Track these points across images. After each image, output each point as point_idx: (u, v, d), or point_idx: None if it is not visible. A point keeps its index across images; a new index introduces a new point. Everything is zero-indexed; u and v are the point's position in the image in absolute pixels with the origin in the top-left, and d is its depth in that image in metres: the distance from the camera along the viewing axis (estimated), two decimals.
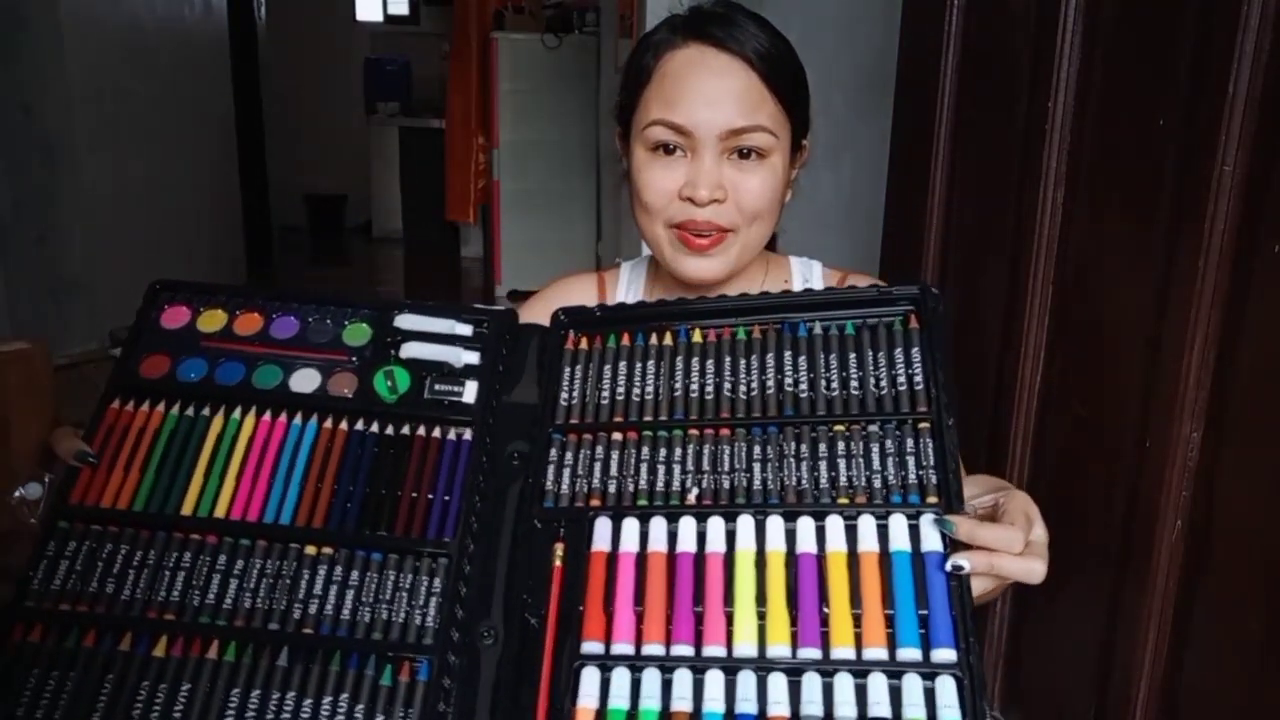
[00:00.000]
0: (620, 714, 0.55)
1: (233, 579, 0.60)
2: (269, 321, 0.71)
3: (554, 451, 0.66)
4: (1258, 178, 0.87)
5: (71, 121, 3.04)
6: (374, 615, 0.59)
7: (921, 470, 0.60)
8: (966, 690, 0.53)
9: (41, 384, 1.35)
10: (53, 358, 1.42)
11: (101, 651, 0.57)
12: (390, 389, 0.68)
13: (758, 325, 0.70)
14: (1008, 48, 1.21)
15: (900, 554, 0.58)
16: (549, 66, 4.86)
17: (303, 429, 0.67)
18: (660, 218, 0.83)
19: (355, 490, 0.64)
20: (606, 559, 0.61)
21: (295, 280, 5.80)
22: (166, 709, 0.55)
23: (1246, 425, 0.90)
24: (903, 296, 0.67)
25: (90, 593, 0.59)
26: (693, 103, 0.79)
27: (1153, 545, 1.00)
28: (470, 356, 0.69)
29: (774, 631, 0.56)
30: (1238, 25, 0.87)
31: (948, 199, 1.35)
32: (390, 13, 7.36)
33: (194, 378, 0.68)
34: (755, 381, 0.66)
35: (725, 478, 0.63)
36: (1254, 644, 0.89)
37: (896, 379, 0.64)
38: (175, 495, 0.64)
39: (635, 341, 0.70)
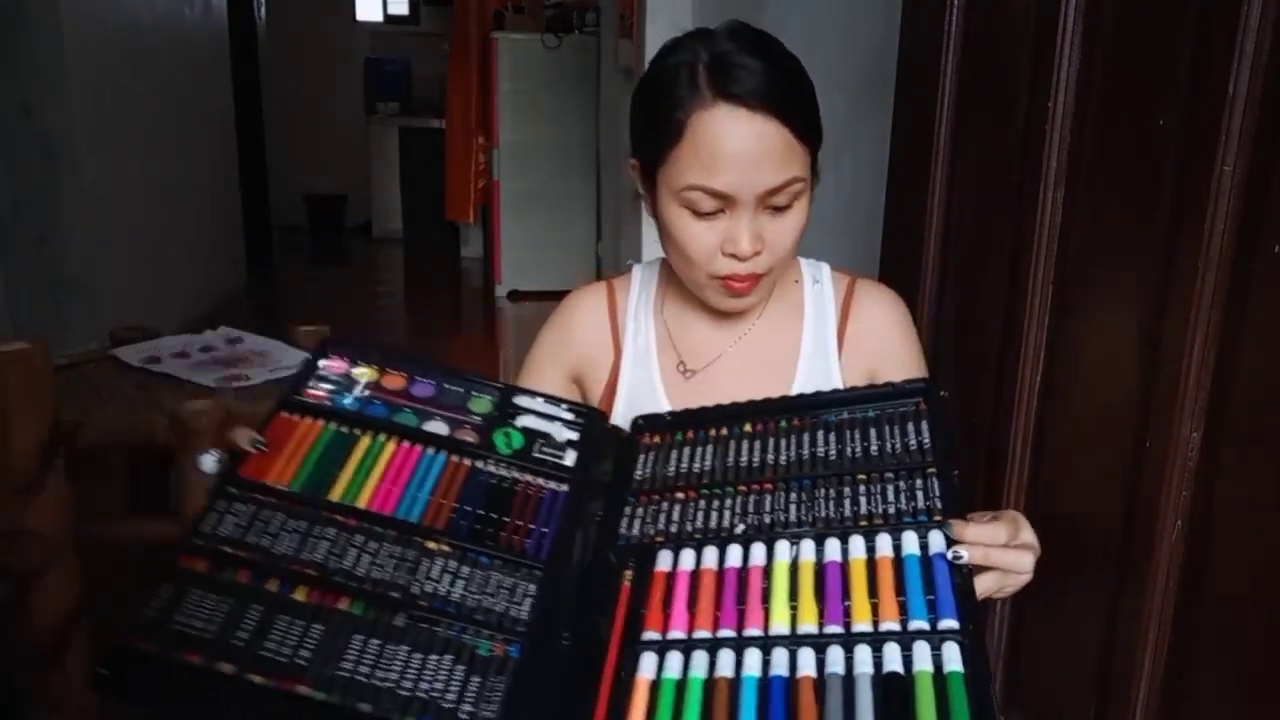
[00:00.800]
0: (672, 683, 0.66)
1: (366, 554, 0.72)
2: (411, 382, 0.88)
3: (627, 509, 0.82)
4: (1258, 178, 0.87)
5: (71, 121, 3.04)
6: (478, 603, 0.71)
7: (929, 500, 0.73)
8: (969, 651, 0.62)
9: (41, 384, 1.35)
10: (53, 358, 1.42)
11: (252, 587, 0.67)
12: (506, 444, 0.85)
13: (797, 419, 0.86)
14: (1008, 48, 1.21)
15: (911, 556, 0.69)
16: (549, 66, 4.86)
17: (434, 458, 0.82)
18: (703, 270, 0.88)
19: (471, 511, 0.78)
20: (666, 576, 0.74)
21: (295, 280, 5.81)
22: (300, 641, 0.65)
23: (1246, 425, 0.90)
24: (913, 390, 0.84)
25: (247, 543, 0.70)
26: (730, 170, 0.83)
27: (1153, 545, 1.00)
28: (570, 434, 0.87)
29: (804, 616, 0.68)
30: (1238, 25, 0.87)
31: (948, 199, 1.35)
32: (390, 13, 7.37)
33: (347, 407, 0.84)
34: (794, 454, 0.82)
35: (767, 516, 0.77)
36: (1254, 644, 0.90)
37: (909, 445, 0.79)
38: (325, 486, 0.76)
39: (697, 434, 0.88)
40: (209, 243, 4.63)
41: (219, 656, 0.62)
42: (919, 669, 0.62)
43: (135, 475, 2.17)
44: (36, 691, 1.41)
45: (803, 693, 0.63)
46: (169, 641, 0.62)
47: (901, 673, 0.62)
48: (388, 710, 0.62)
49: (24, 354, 1.32)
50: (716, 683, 0.65)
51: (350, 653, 0.65)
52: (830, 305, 0.98)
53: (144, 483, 2.16)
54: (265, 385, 1.82)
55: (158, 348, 2.05)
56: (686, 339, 0.99)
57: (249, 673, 0.62)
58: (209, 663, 0.62)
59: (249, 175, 5.34)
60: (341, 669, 0.64)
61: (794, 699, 0.62)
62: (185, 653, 0.62)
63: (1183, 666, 0.99)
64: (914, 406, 0.83)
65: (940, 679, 0.61)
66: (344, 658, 0.64)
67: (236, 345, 2.10)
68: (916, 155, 1.38)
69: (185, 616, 0.64)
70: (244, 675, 0.62)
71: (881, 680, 0.62)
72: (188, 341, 2.10)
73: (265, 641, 0.64)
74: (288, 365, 1.93)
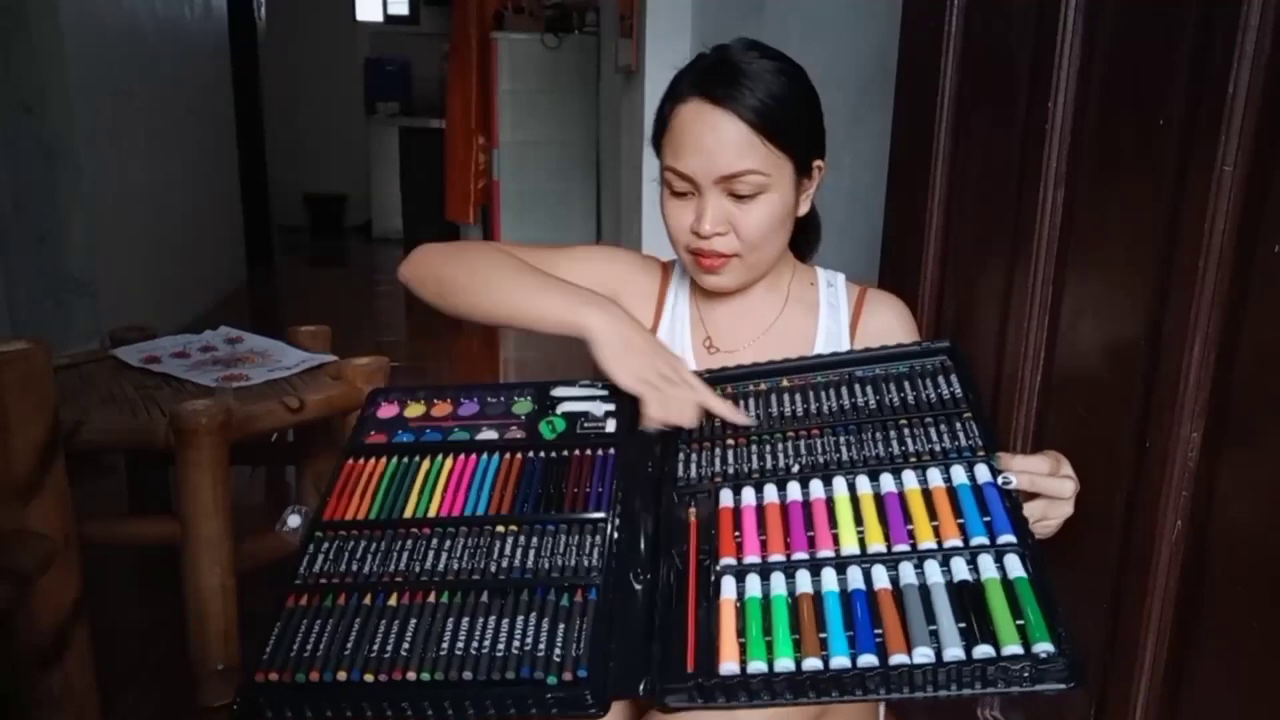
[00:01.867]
0: (756, 601, 0.71)
1: (444, 553, 0.80)
2: (457, 406, 0.98)
3: (681, 455, 0.88)
4: (1258, 178, 0.87)
5: (71, 121, 3.04)
6: (551, 564, 0.78)
7: (971, 439, 0.80)
8: (1030, 560, 0.68)
9: (41, 384, 1.34)
10: (53, 358, 1.42)
11: (351, 605, 0.76)
12: (551, 430, 0.93)
13: (832, 373, 0.92)
14: (1008, 48, 1.21)
15: (963, 485, 0.76)
16: (549, 66, 4.86)
17: (489, 460, 0.90)
18: (680, 244, 1.00)
19: (531, 490, 0.86)
20: (732, 512, 0.80)
21: (295, 280, 5.80)
22: (399, 637, 0.73)
23: (1246, 425, 0.90)
24: (939, 349, 0.91)
25: (340, 571, 0.80)
26: (691, 153, 0.94)
27: (1153, 545, 1.00)
28: (608, 406, 0.94)
29: (871, 538, 0.73)
30: (1238, 25, 0.87)
31: (948, 198, 1.35)
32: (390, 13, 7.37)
33: (406, 441, 0.94)
34: (834, 403, 0.88)
35: (820, 457, 0.83)
36: (1254, 644, 0.90)
37: (941, 393, 0.86)
38: (399, 508, 0.85)
39: (737, 389, 0.93)
40: (209, 243, 4.63)
41: (334, 668, 0.71)
42: (987, 577, 0.68)
43: (135, 475, 2.17)
44: (36, 691, 1.41)
45: (883, 602, 0.68)
46: (289, 667, 0.71)
47: (971, 581, 0.68)
48: (488, 672, 0.69)
49: (24, 354, 1.32)
50: (800, 598, 0.70)
51: (446, 635, 0.72)
52: (844, 305, 1.08)
53: (144, 483, 2.16)
54: (265, 385, 1.82)
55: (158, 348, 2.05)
56: (713, 321, 1.09)
57: (362, 674, 0.70)
58: (326, 675, 0.70)
59: (249, 175, 5.34)
60: (440, 650, 0.71)
61: (876, 607, 0.68)
62: (306, 673, 0.71)
63: (1182, 667, 0.99)
64: (939, 363, 0.90)
65: (1008, 584, 0.67)
66: (441, 640, 0.72)
67: (236, 345, 2.10)
68: (917, 155, 1.38)
69: (299, 644, 0.73)
70: (358, 677, 0.70)
71: (955, 587, 0.68)
72: (188, 341, 2.10)
73: (370, 645, 0.72)
74: (288, 365, 1.94)
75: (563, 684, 0.68)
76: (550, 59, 4.85)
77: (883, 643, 0.65)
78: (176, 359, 1.99)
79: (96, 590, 1.55)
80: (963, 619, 0.65)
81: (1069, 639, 0.62)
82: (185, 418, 1.56)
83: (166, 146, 4.01)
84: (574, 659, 0.69)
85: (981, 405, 0.83)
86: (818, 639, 0.66)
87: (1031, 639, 0.63)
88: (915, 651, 0.63)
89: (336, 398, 1.80)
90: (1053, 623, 0.63)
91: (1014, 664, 0.61)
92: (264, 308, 5.05)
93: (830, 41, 2.04)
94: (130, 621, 2.00)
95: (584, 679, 0.68)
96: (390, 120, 6.83)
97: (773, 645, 0.67)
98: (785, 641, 0.67)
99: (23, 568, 1.28)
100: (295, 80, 6.81)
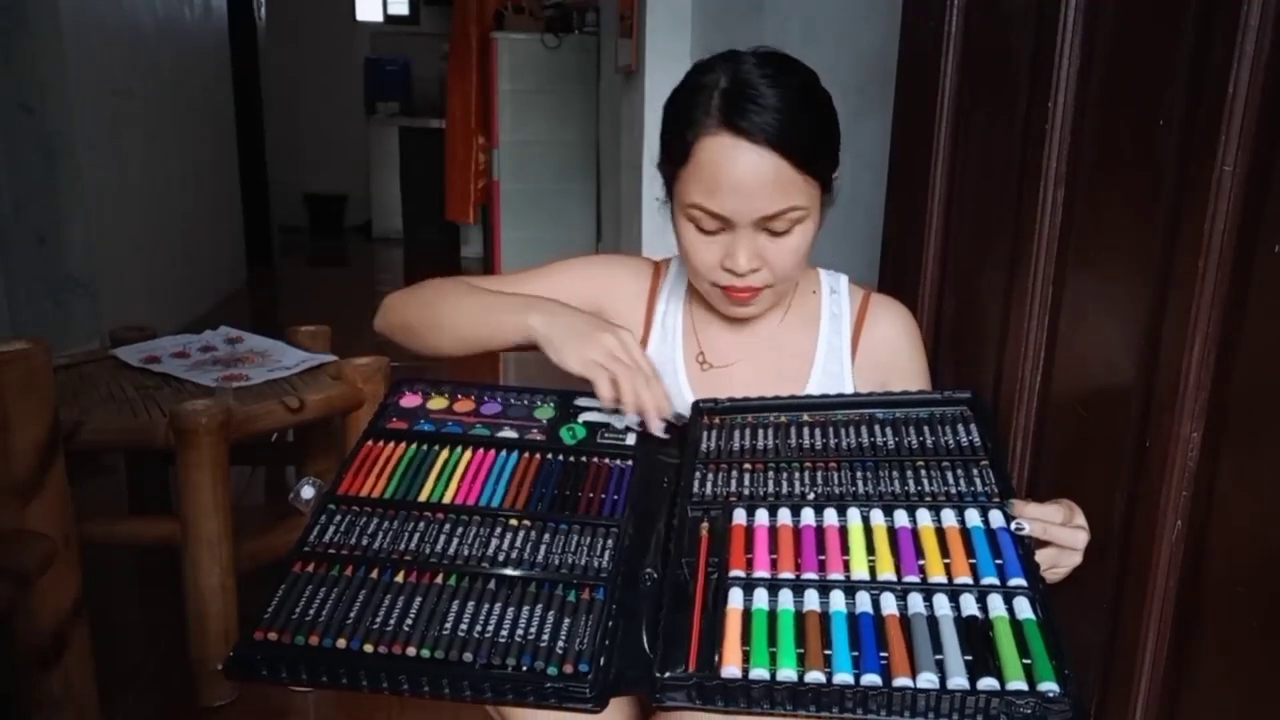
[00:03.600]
0: (762, 613, 0.71)
1: (454, 538, 0.81)
2: (480, 404, 0.98)
3: (698, 474, 0.87)
4: (1258, 178, 0.87)
5: (71, 121, 3.04)
6: (561, 560, 0.78)
7: (986, 486, 0.81)
8: (1040, 604, 0.69)
9: (41, 384, 1.34)
10: (53, 358, 1.42)
11: (358, 577, 0.77)
12: (572, 436, 0.93)
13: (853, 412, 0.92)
14: (1008, 48, 1.21)
15: (976, 528, 0.76)
16: (549, 66, 4.86)
17: (508, 457, 0.90)
18: (707, 279, 0.96)
19: (547, 491, 0.86)
20: (745, 530, 0.80)
21: (295, 280, 5.80)
22: (403, 613, 0.73)
23: (1246, 425, 0.90)
24: (960, 399, 0.93)
25: (350, 544, 0.80)
26: (727, 194, 0.88)
27: (1153, 545, 1.00)
28: (629, 420, 0.93)
29: (882, 567, 0.73)
30: (1238, 25, 0.87)
31: (948, 198, 1.35)
32: (390, 13, 7.36)
33: (427, 430, 0.94)
34: (854, 440, 0.89)
35: (836, 488, 0.83)
36: (1254, 644, 0.90)
37: (960, 441, 0.87)
38: (414, 491, 0.86)
39: (758, 419, 0.93)
40: (209, 243, 4.63)
41: (334, 635, 0.71)
42: (995, 615, 0.68)
43: (135, 475, 2.17)
44: (36, 691, 1.41)
45: (890, 627, 0.68)
46: (289, 629, 0.72)
47: (979, 617, 0.68)
48: (489, 656, 0.69)
49: (24, 354, 1.32)
50: (807, 615, 0.70)
51: (450, 616, 0.73)
52: (846, 315, 1.04)
53: (144, 483, 2.16)
54: (265, 385, 1.82)
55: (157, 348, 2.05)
56: (708, 335, 1.04)
57: (362, 644, 0.70)
58: (326, 640, 0.71)
59: (249, 175, 5.34)
60: (444, 629, 0.72)
61: (882, 631, 0.68)
62: (306, 636, 0.71)
63: (1183, 666, 0.99)
64: (960, 412, 0.91)
65: (1016, 624, 0.67)
66: (445, 621, 0.72)
67: (236, 345, 2.10)
68: (916, 154, 1.38)
69: (301, 607, 0.74)
70: (357, 646, 0.70)
71: (963, 621, 0.68)
72: (187, 341, 2.10)
73: (373, 618, 0.72)
74: (288, 365, 1.94)
75: (563, 676, 0.68)
76: (550, 59, 4.84)
77: (887, 665, 0.65)
78: (176, 359, 1.99)
79: (96, 590, 1.55)
80: (969, 651, 0.65)
81: (1074, 683, 0.62)
82: (185, 418, 1.56)
83: (166, 146, 4.01)
84: (576, 652, 0.70)
85: (1001, 456, 0.84)
86: (822, 654, 0.66)
87: (1037, 678, 0.63)
88: (920, 677, 0.63)
89: (336, 398, 1.80)
90: (1060, 665, 0.63)
91: (1019, 699, 0.62)
92: (264, 308, 5.05)
93: (830, 41, 2.03)
94: (130, 621, 2.00)
95: (584, 673, 0.68)
96: (390, 120, 6.83)
97: (776, 655, 0.67)
98: (789, 653, 0.67)
99: (23, 568, 1.28)
100: (295, 80, 6.81)
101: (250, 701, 1.69)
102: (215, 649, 1.64)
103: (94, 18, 3.25)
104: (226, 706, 1.67)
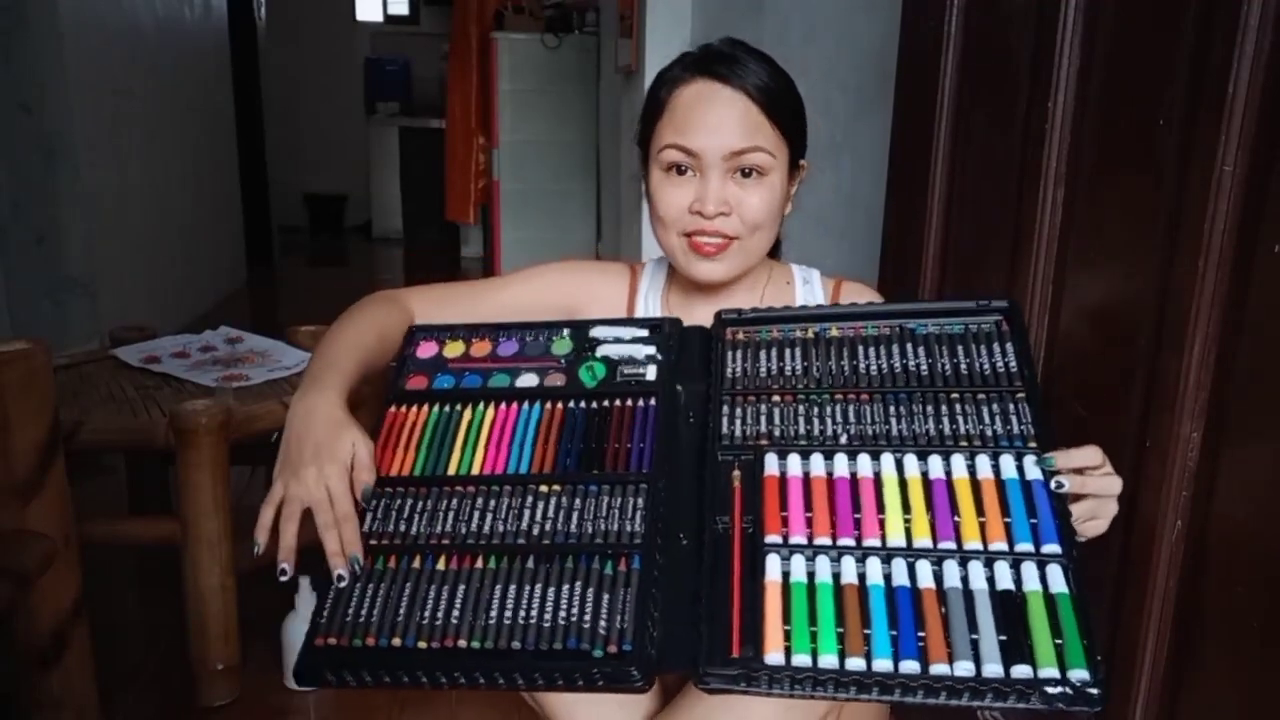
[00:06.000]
0: (801, 586, 0.71)
1: (489, 514, 0.81)
2: (496, 345, 0.97)
3: (725, 408, 0.85)
4: (1258, 178, 0.87)
5: (71, 121, 3.04)
6: (594, 528, 0.78)
7: (1023, 425, 0.79)
8: (1071, 574, 0.69)
9: (41, 384, 1.34)
10: (53, 358, 1.42)
11: (402, 568, 0.77)
12: (591, 376, 0.91)
13: (883, 325, 0.89)
14: (1008, 47, 1.21)
15: (1011, 480, 0.75)
16: (549, 66, 4.86)
17: (530, 411, 0.90)
18: (675, 228, 0.97)
19: (573, 446, 0.85)
20: (778, 481, 0.79)
21: (295, 280, 5.81)
22: (449, 604, 0.74)
23: (1246, 425, 0.90)
24: (996, 308, 0.88)
25: (389, 532, 0.81)
26: (699, 128, 0.93)
27: (1153, 545, 1.00)
28: (649, 349, 0.93)
29: (918, 530, 0.73)
30: (1238, 25, 0.87)
31: (948, 198, 1.35)
32: (390, 13, 7.36)
33: (447, 386, 0.93)
34: (885, 364, 0.86)
35: (869, 427, 0.81)
36: (1254, 644, 0.90)
37: (995, 365, 0.84)
38: (442, 463, 0.86)
39: (784, 333, 0.91)
40: (209, 243, 4.63)
41: (388, 633, 0.73)
42: (1029, 589, 0.68)
43: (135, 475, 2.17)
44: (36, 691, 1.41)
45: (927, 602, 0.69)
46: (345, 632, 0.73)
47: (1014, 590, 0.68)
48: (535, 642, 0.70)
49: (24, 354, 1.32)
50: (845, 589, 0.70)
51: (494, 603, 0.73)
52: (820, 303, 1.07)
53: (144, 483, 2.16)
54: (265, 385, 1.82)
55: (157, 348, 2.05)
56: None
57: (415, 640, 0.72)
58: (382, 640, 0.72)
59: (249, 175, 5.34)
60: (490, 618, 0.72)
61: (920, 607, 0.68)
62: (363, 638, 0.72)
63: (1183, 666, 0.99)
64: (995, 326, 0.88)
65: (1049, 598, 0.68)
66: (490, 609, 0.73)
67: (236, 345, 2.10)
68: (917, 154, 1.38)
69: (354, 609, 0.75)
70: (411, 643, 0.72)
71: (998, 596, 0.68)
72: (187, 341, 2.10)
73: (421, 612, 0.74)
74: (288, 365, 1.94)
75: (608, 657, 0.69)
76: (550, 59, 4.84)
77: (924, 649, 0.66)
78: (176, 359, 1.99)
79: (96, 590, 1.55)
80: (1003, 631, 0.66)
81: (1102, 666, 0.64)
82: (185, 418, 1.56)
83: (166, 146, 4.01)
84: (619, 631, 0.70)
85: (1036, 383, 0.82)
86: (862, 635, 0.67)
87: (1068, 663, 0.64)
88: (956, 665, 0.65)
89: None
90: (1090, 646, 0.65)
91: (1051, 687, 0.63)
92: (264, 308, 5.05)
93: (830, 41, 2.03)
94: (130, 621, 2.00)
95: (629, 653, 0.69)
96: (390, 120, 6.83)
97: (817, 637, 0.68)
98: (830, 635, 0.68)
99: (23, 568, 1.28)
100: (295, 80, 6.81)
101: (250, 701, 1.69)
102: (215, 649, 1.64)
103: (94, 18, 3.25)
104: (226, 706, 1.67)
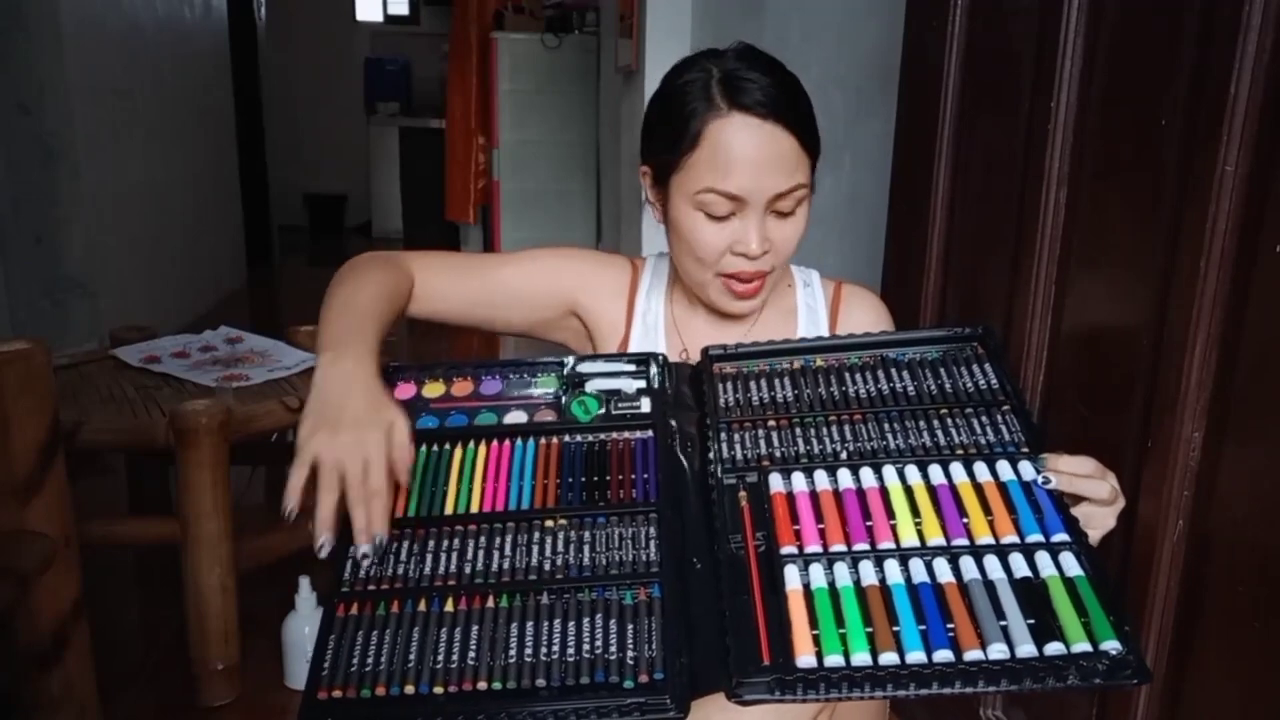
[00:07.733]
0: (823, 591, 0.70)
1: (494, 551, 0.77)
2: (478, 384, 0.93)
3: (724, 434, 0.85)
4: (1259, 178, 0.87)
5: (71, 121, 3.04)
6: (608, 559, 0.76)
7: (1013, 433, 0.81)
8: (1084, 558, 0.70)
9: (41, 384, 1.34)
10: (53, 358, 1.42)
11: (407, 613, 0.73)
12: (584, 412, 0.89)
13: (865, 355, 0.91)
14: (1011, 47, 1.21)
15: (1011, 481, 0.77)
16: (549, 66, 4.86)
17: (525, 447, 0.86)
18: (712, 269, 0.94)
19: (574, 480, 0.83)
20: (786, 498, 0.78)
21: (295, 280, 5.80)
22: (464, 646, 0.70)
23: (1248, 425, 0.90)
24: (970, 336, 0.90)
25: (389, 576, 0.76)
26: (742, 174, 0.88)
27: (1153, 545, 1.00)
28: (639, 383, 0.91)
29: (930, 531, 0.73)
30: (1239, 25, 0.87)
31: (950, 198, 1.35)
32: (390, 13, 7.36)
33: (432, 426, 0.88)
34: (873, 387, 0.87)
35: (866, 444, 0.82)
36: (1254, 644, 0.90)
37: (979, 383, 0.86)
38: (438, 503, 0.81)
39: (770, 365, 0.91)
40: (209, 243, 4.63)
41: (400, 681, 0.68)
42: (1046, 574, 0.69)
43: (135, 475, 2.17)
44: (36, 691, 1.41)
45: (950, 596, 0.69)
46: (352, 683, 0.68)
47: (1032, 577, 0.69)
48: (561, 678, 0.67)
49: (24, 354, 1.32)
50: (868, 590, 0.70)
51: (512, 640, 0.70)
52: (821, 306, 1.05)
53: (144, 483, 2.16)
54: (265, 385, 1.82)
55: (157, 348, 2.05)
56: (690, 330, 1.05)
57: (431, 686, 0.68)
58: (394, 689, 0.68)
59: (249, 175, 5.34)
60: (509, 657, 0.69)
61: (944, 600, 0.68)
62: (371, 688, 0.68)
63: (1183, 667, 0.99)
64: (972, 350, 0.90)
65: (1068, 581, 0.68)
66: (508, 647, 0.69)
67: (236, 345, 2.10)
68: (920, 154, 1.38)
69: (359, 657, 0.70)
70: (426, 689, 0.67)
71: (1018, 584, 0.69)
72: (187, 341, 2.10)
73: (434, 656, 0.69)
74: (287, 365, 1.94)
75: (640, 687, 0.67)
76: (550, 59, 4.84)
77: (955, 638, 0.66)
78: (176, 359, 1.99)
79: (96, 590, 1.55)
80: (1030, 615, 0.66)
81: (1134, 637, 0.64)
82: (185, 418, 1.56)
83: (166, 146, 4.01)
84: (649, 660, 0.68)
85: (1021, 396, 0.83)
86: (891, 632, 0.67)
87: (1098, 637, 0.64)
88: (990, 649, 0.64)
89: None
90: (1119, 620, 0.65)
91: (1087, 661, 0.63)
92: (264, 308, 5.05)
93: (831, 41, 2.03)
94: (130, 621, 2.00)
95: (661, 681, 0.67)
96: (390, 120, 6.83)
97: (847, 638, 0.67)
98: (859, 634, 0.67)
99: (23, 568, 1.28)
100: (295, 80, 6.81)
101: (250, 701, 1.69)
102: (215, 649, 1.64)
103: (93, 18, 3.25)
104: (226, 706, 1.67)
